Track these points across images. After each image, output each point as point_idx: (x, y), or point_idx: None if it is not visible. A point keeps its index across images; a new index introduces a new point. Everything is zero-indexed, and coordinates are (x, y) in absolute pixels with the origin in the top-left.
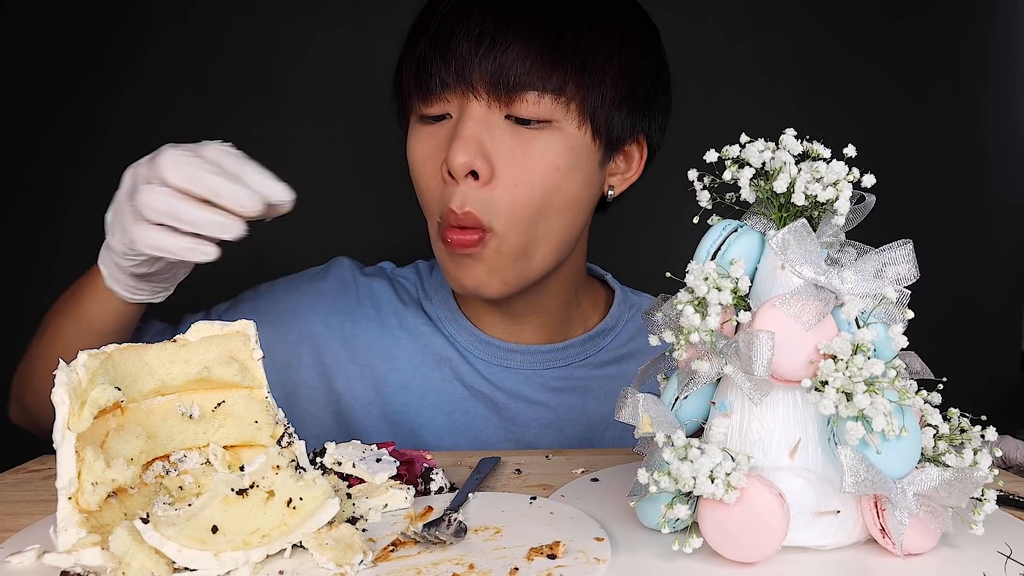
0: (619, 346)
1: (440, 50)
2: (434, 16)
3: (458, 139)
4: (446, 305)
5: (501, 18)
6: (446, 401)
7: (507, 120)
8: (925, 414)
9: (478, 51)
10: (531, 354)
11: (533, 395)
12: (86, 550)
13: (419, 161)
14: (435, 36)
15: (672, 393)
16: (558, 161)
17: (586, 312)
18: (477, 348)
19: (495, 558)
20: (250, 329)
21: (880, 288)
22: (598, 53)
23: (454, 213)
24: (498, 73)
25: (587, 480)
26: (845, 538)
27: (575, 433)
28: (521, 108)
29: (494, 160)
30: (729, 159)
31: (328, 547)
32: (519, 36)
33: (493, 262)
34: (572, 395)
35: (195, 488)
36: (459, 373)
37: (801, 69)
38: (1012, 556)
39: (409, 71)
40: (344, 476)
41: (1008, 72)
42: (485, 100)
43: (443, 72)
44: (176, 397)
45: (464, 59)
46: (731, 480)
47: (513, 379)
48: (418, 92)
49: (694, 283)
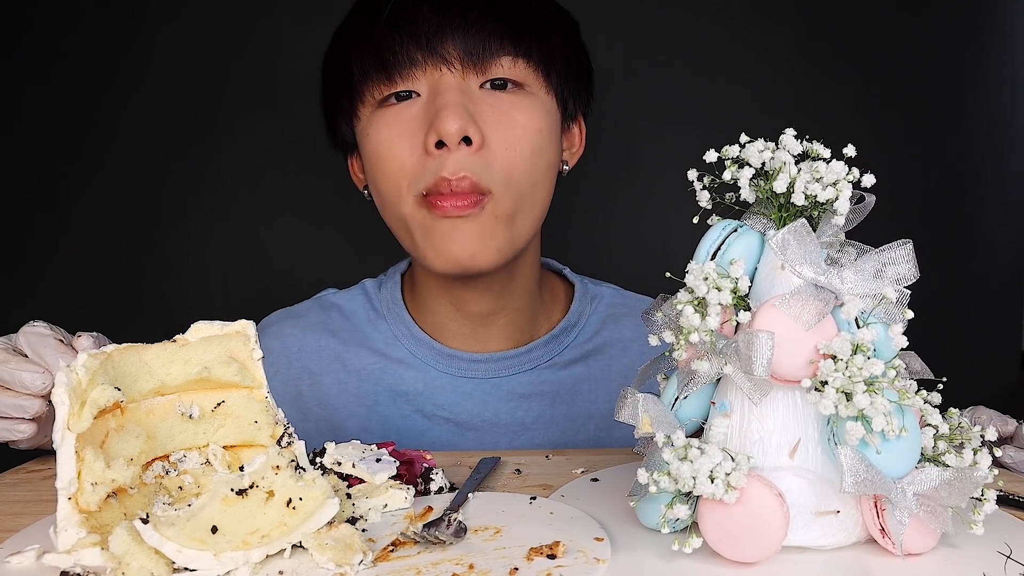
0: (584, 342)
1: (405, 28)
2: (379, 3)
3: (446, 107)
4: (402, 322)
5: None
6: (409, 436)
7: (482, 89)
8: (925, 414)
9: (448, 23)
10: (495, 362)
11: (499, 406)
12: (86, 550)
13: (388, 142)
14: (394, 15)
15: (672, 393)
16: (540, 124)
17: (548, 308)
18: (438, 362)
19: (495, 558)
20: (250, 329)
21: (880, 288)
22: (550, 25)
23: (447, 180)
24: (471, 43)
25: (587, 480)
26: (845, 538)
27: (546, 441)
28: (497, 71)
29: (482, 126)
30: (729, 159)
31: (328, 547)
32: (483, 6)
33: (487, 225)
34: (540, 401)
35: (195, 488)
36: (418, 404)
37: (801, 69)
38: (1012, 556)
39: (365, 55)
40: (344, 476)
41: (1007, 72)
42: (460, 71)
43: (410, 48)
44: (176, 397)
45: (433, 33)
46: (731, 480)
47: (478, 391)
48: (381, 73)
49: (694, 283)
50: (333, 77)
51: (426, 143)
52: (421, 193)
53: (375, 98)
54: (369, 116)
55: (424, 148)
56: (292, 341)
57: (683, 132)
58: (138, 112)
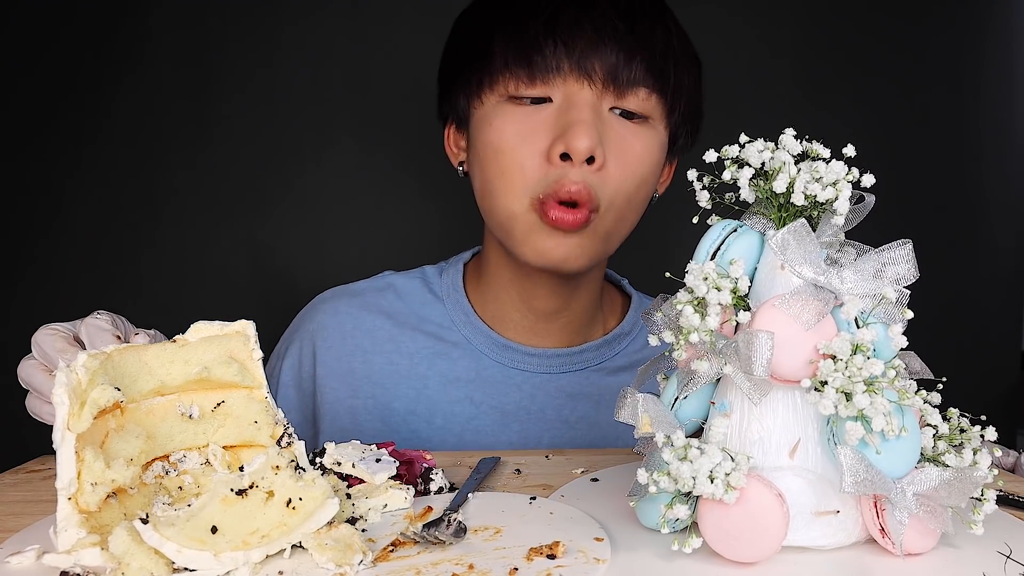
0: (634, 352)
1: (560, 36)
2: (541, 3)
3: (581, 124)
4: (461, 308)
5: (624, 13)
6: (455, 422)
7: (611, 111)
8: (925, 414)
9: (601, 42)
10: (548, 358)
11: (547, 401)
12: (86, 550)
13: (513, 139)
14: (552, 21)
15: (672, 393)
16: (654, 157)
17: (605, 315)
18: (492, 351)
19: (495, 558)
20: (249, 329)
21: (880, 288)
22: (685, 63)
23: (567, 188)
24: (618, 66)
25: (587, 480)
26: (845, 538)
27: (587, 442)
28: (631, 102)
29: (605, 148)
30: (728, 159)
31: (328, 547)
32: (640, 33)
33: (587, 239)
34: (586, 402)
35: (195, 488)
36: (467, 391)
37: (801, 69)
38: (1012, 556)
39: (511, 49)
40: (344, 476)
41: (1007, 72)
42: (598, 90)
43: (560, 57)
44: (176, 397)
45: (585, 48)
46: (731, 480)
47: (528, 384)
48: (524, 72)
49: (694, 283)
50: (468, 53)
51: (551, 152)
52: (537, 197)
53: (508, 91)
54: (495, 105)
55: (546, 155)
56: (347, 319)
57: None
58: (138, 112)
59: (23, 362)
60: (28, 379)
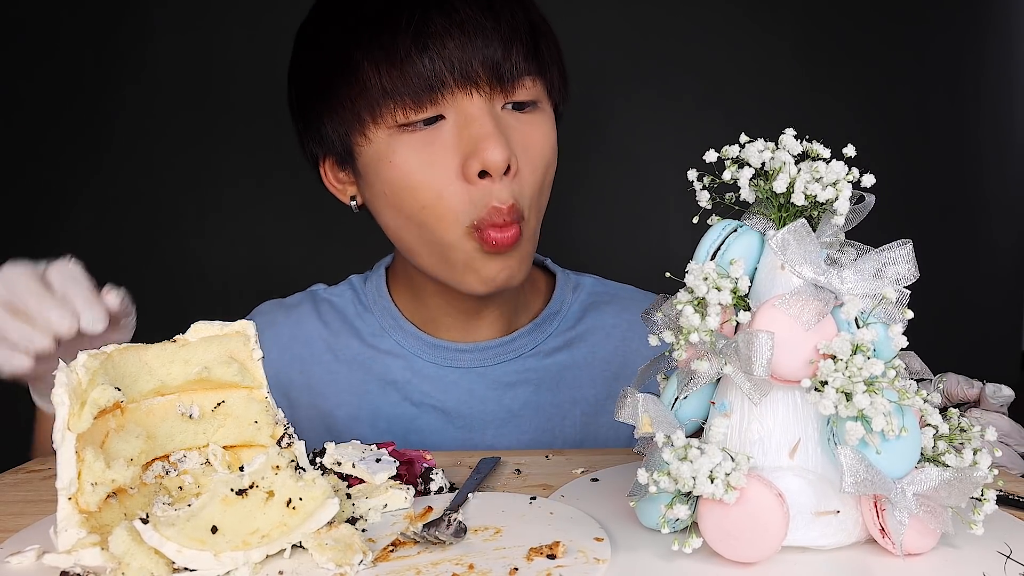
0: (567, 329)
1: (434, 49)
2: (399, 14)
3: (488, 137)
4: (388, 314)
5: (485, 7)
6: (397, 424)
7: (504, 109)
8: (925, 414)
9: (473, 44)
10: (480, 351)
11: (486, 394)
12: (86, 550)
13: (422, 170)
14: (420, 35)
15: (672, 393)
16: (552, 139)
17: (530, 298)
18: (425, 352)
19: (495, 558)
20: (250, 329)
21: (880, 288)
22: (548, 34)
23: (500, 210)
24: (498, 64)
25: (587, 480)
26: (845, 538)
27: (533, 428)
28: (520, 94)
29: (514, 151)
30: (729, 159)
31: (328, 547)
32: (503, 25)
33: (524, 249)
34: (526, 388)
35: (195, 488)
36: (406, 393)
37: (801, 70)
38: (1012, 556)
39: (390, 77)
40: (344, 476)
41: (1007, 72)
42: (487, 92)
43: (441, 72)
44: (176, 397)
45: (462, 55)
46: (731, 480)
47: (464, 380)
48: (409, 97)
49: (694, 283)
50: (335, 84)
51: (465, 171)
52: (471, 224)
53: (396, 121)
54: (388, 139)
55: (463, 176)
56: (284, 330)
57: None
58: (139, 113)
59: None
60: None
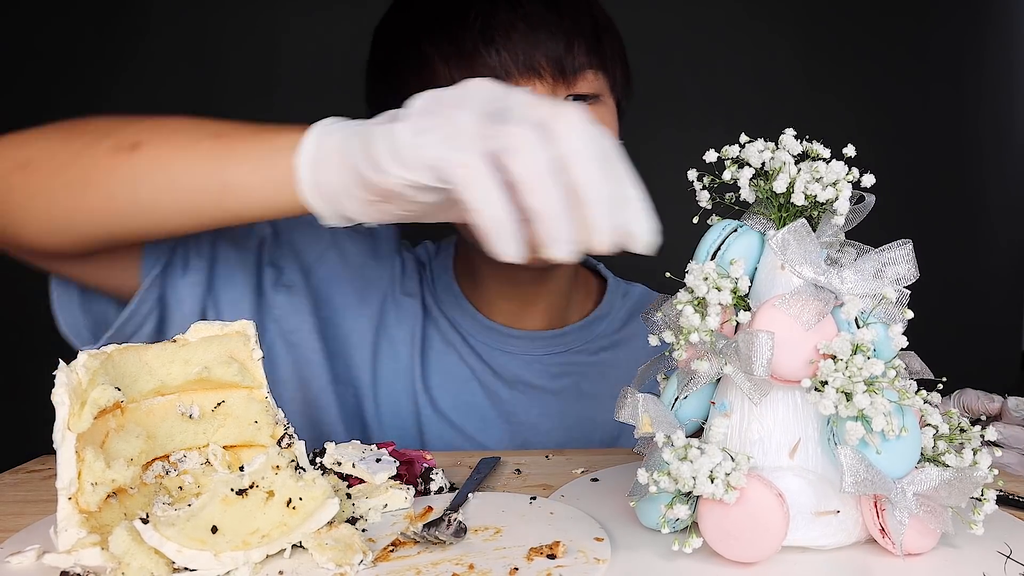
0: (612, 332)
1: (499, 42)
2: (467, 9)
3: None
4: (450, 290)
5: (548, 3)
6: (451, 382)
7: (567, 100)
8: (925, 414)
9: (537, 37)
10: (532, 340)
11: (532, 380)
12: (86, 550)
13: None
14: (487, 29)
15: (672, 393)
16: (614, 131)
17: (581, 299)
18: (479, 332)
19: (495, 558)
20: (250, 329)
21: (880, 288)
22: (612, 31)
23: None
24: (561, 57)
25: (587, 480)
26: (845, 538)
27: (575, 413)
28: (582, 86)
29: None
30: (729, 159)
31: (328, 547)
32: (566, 20)
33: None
34: (569, 380)
35: (195, 488)
36: (462, 354)
37: (801, 69)
38: (1012, 556)
39: (457, 69)
40: (344, 476)
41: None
42: (550, 84)
43: (506, 62)
44: (176, 397)
45: (527, 48)
46: (731, 480)
47: (513, 364)
48: None
49: (694, 283)
50: (405, 76)
51: None
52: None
53: None
54: None
55: None
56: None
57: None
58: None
59: None
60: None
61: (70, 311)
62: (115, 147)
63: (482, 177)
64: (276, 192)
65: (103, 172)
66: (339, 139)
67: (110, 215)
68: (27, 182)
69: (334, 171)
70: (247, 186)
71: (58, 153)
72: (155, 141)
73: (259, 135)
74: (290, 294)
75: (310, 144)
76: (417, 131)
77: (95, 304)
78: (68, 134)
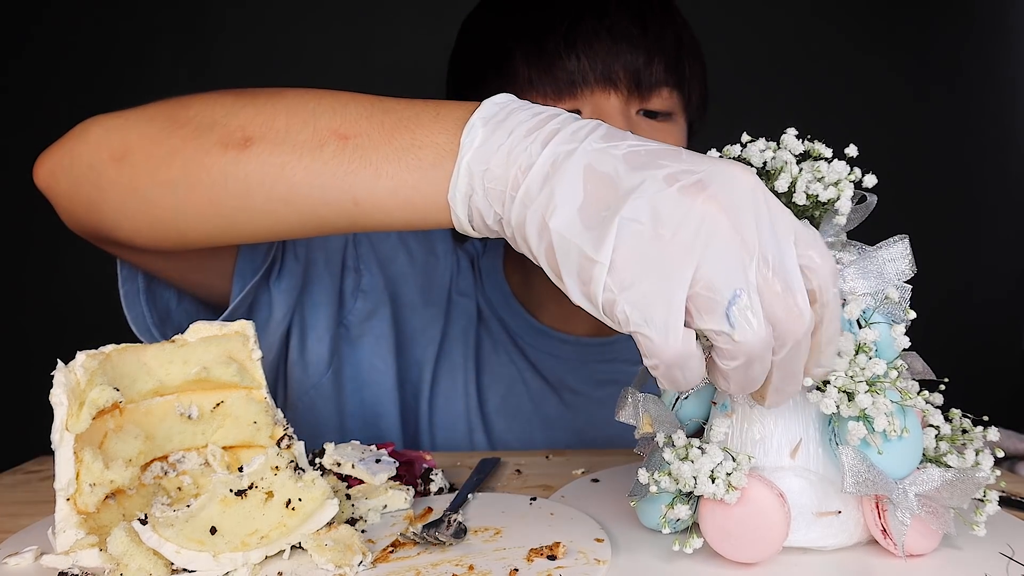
0: None
1: (581, 48)
2: (555, 14)
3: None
4: (500, 290)
5: (636, 16)
6: (501, 374)
7: (638, 115)
8: (927, 415)
9: (620, 49)
10: (582, 346)
11: (577, 386)
12: (84, 551)
13: None
14: (571, 34)
15: (673, 393)
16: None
17: None
18: (529, 335)
19: (495, 559)
20: (249, 329)
21: (882, 288)
22: (695, 54)
23: None
24: (640, 70)
25: (587, 481)
26: (846, 539)
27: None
28: (655, 103)
29: None
30: (730, 159)
31: (327, 548)
32: (653, 34)
33: None
34: (614, 388)
35: (194, 489)
36: (511, 355)
37: (802, 69)
38: (1014, 558)
39: (537, 69)
40: (343, 477)
41: (1008, 72)
42: (624, 96)
43: (584, 69)
44: (175, 398)
45: (607, 57)
46: (732, 480)
47: (560, 368)
48: (551, 88)
49: None
50: (485, 71)
51: None
52: None
53: None
54: None
55: None
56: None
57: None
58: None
59: None
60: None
61: (135, 304)
62: (222, 143)
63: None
64: (418, 216)
65: (210, 174)
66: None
67: (217, 219)
68: (124, 177)
69: (492, 217)
70: (384, 209)
71: (159, 145)
72: (269, 137)
73: (394, 139)
74: (366, 299)
75: (463, 180)
76: (621, 287)
77: (159, 299)
78: (169, 121)
